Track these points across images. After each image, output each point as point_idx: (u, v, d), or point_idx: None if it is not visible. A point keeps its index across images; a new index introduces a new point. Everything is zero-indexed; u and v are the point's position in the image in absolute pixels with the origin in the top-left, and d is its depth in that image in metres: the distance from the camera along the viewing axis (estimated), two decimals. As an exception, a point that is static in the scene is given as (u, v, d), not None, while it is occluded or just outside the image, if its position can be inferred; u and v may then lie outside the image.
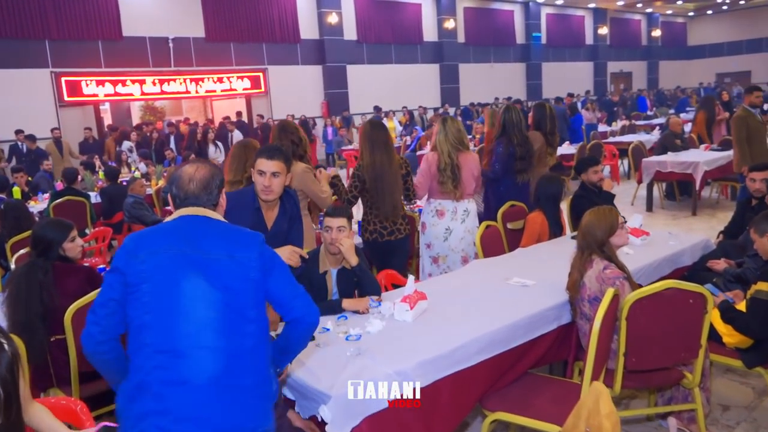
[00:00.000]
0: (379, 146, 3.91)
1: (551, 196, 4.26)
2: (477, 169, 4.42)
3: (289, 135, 3.79)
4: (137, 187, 6.29)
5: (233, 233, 1.93)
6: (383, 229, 3.99)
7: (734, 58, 29.65)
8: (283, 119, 4.26)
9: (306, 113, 16.25)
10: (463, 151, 4.27)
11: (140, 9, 13.73)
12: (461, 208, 4.29)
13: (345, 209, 3.14)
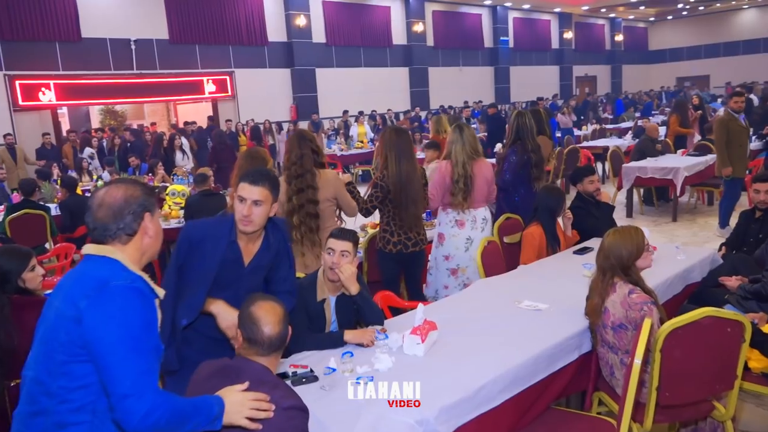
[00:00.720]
0: (405, 155, 3.73)
1: (550, 208, 4.06)
2: (491, 176, 4.29)
3: (308, 143, 3.56)
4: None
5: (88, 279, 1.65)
6: (407, 240, 3.84)
7: (694, 63, 30.37)
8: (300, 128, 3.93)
9: (274, 117, 15.87)
10: (476, 159, 4.14)
11: (100, 9, 13.15)
12: (480, 217, 4.19)
13: (353, 233, 2.85)
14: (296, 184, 3.48)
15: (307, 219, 3.51)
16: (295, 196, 3.49)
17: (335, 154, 13.01)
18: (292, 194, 3.49)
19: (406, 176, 3.70)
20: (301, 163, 3.50)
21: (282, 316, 1.87)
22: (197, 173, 5.99)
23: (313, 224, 3.54)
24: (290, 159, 3.51)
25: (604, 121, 17.24)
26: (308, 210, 3.51)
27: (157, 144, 9.33)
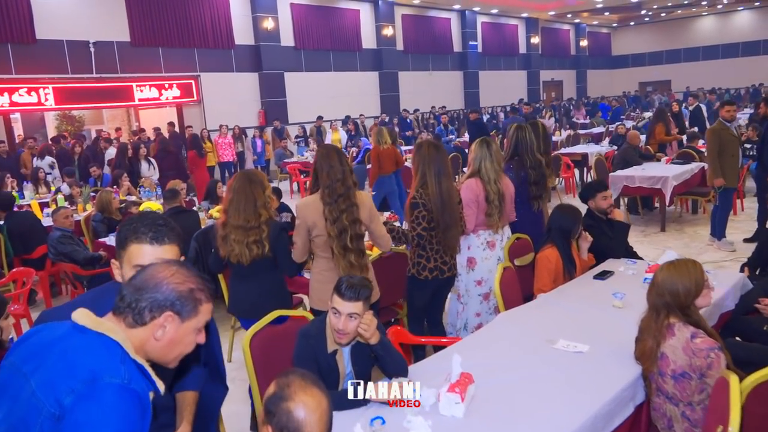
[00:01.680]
0: (444, 172, 3.47)
1: (565, 229, 3.76)
2: (513, 192, 4.11)
3: (345, 158, 3.24)
4: (61, 219, 5.32)
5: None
6: (443, 265, 3.58)
7: (655, 68, 30.95)
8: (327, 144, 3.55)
9: (242, 123, 15.32)
10: (502, 175, 3.96)
11: (56, 9, 12.42)
12: (505, 236, 4.07)
13: (364, 285, 2.38)
14: (342, 203, 3.13)
15: (355, 241, 3.18)
16: (342, 216, 3.13)
17: (308, 161, 12.56)
18: (337, 215, 3.13)
19: (447, 195, 3.45)
20: (343, 179, 3.14)
21: None
22: (167, 188, 5.50)
23: (362, 246, 3.23)
24: (331, 175, 3.13)
25: (575, 126, 17.23)
26: (356, 231, 3.18)
27: (121, 154, 8.73)
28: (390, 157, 7.62)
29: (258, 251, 3.22)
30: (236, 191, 3.25)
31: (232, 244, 3.24)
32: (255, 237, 3.21)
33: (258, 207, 3.22)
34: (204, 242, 4.97)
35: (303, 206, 3.25)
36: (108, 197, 6.03)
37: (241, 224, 3.21)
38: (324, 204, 3.14)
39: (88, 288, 5.23)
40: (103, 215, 6.02)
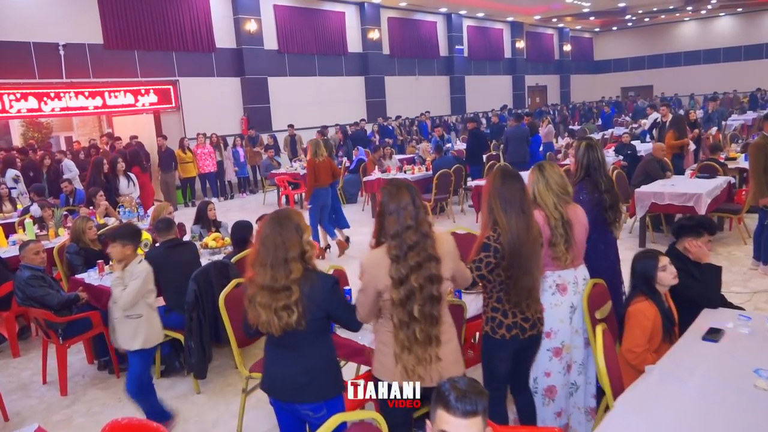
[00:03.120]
0: (514, 205, 2.81)
1: (648, 276, 3.12)
2: (587, 224, 3.38)
3: (417, 198, 2.53)
4: (30, 255, 4.46)
5: None
6: (524, 322, 2.89)
7: (637, 73, 30.90)
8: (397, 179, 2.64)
9: (223, 130, 14.49)
10: (569, 203, 3.27)
11: (22, 8, 11.43)
12: (581, 277, 3.32)
13: (482, 392, 1.73)
14: (412, 257, 2.43)
15: (428, 307, 2.46)
16: (411, 277, 2.42)
17: (298, 173, 11.78)
18: (405, 274, 2.43)
19: (518, 235, 2.78)
20: (417, 225, 2.45)
21: None
22: (160, 219, 4.69)
23: (436, 312, 2.49)
24: (401, 221, 2.45)
25: (573, 133, 16.73)
26: (430, 292, 2.46)
27: (95, 169, 7.83)
28: (326, 169, 7.61)
29: (288, 319, 2.46)
30: (263, 241, 2.50)
31: (258, 308, 2.50)
32: (284, 301, 2.45)
33: (290, 261, 2.46)
34: (204, 283, 4.19)
35: (371, 265, 2.53)
36: (82, 226, 5.19)
37: (268, 284, 2.46)
38: (391, 259, 2.45)
39: (64, 338, 4.40)
40: (79, 246, 5.18)
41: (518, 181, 2.88)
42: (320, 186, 7.61)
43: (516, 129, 10.48)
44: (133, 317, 3.56)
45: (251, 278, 2.53)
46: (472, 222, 9.61)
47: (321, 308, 2.52)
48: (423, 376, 2.47)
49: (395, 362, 2.47)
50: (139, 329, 3.58)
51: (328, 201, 7.82)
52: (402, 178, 9.92)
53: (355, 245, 8.45)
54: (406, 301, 2.43)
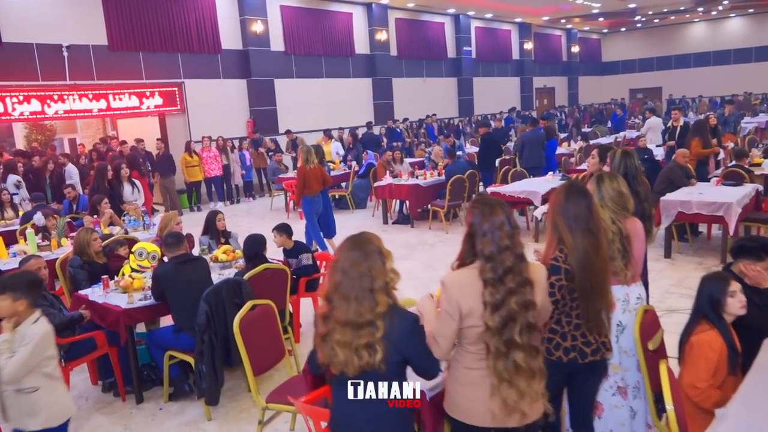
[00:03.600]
0: (581, 223, 2.63)
1: (716, 301, 2.84)
2: (644, 236, 3.27)
3: (511, 216, 2.37)
4: (33, 271, 4.21)
5: None
6: (585, 346, 2.70)
7: (646, 75, 30.54)
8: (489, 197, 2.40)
9: (229, 133, 14.23)
10: (628, 217, 3.16)
11: (25, 10, 11.19)
12: (634, 295, 3.17)
13: None
14: (510, 280, 2.26)
15: (525, 334, 2.28)
16: (511, 300, 2.24)
17: (306, 177, 11.49)
18: (503, 298, 2.24)
19: (585, 254, 2.59)
20: (512, 245, 2.28)
21: None
22: (169, 233, 4.41)
23: (535, 342, 2.33)
24: (496, 240, 2.27)
25: (586, 136, 16.39)
26: (527, 320, 2.29)
27: (99, 176, 7.54)
28: (317, 176, 7.60)
29: (369, 359, 2.18)
30: (346, 269, 2.21)
31: (335, 347, 2.21)
32: (367, 339, 2.18)
33: (376, 291, 2.20)
34: (216, 303, 3.92)
35: (455, 285, 2.31)
36: (87, 238, 4.92)
37: (351, 319, 2.18)
38: (485, 283, 2.25)
39: (65, 360, 4.13)
40: (83, 259, 4.91)
41: (584, 198, 2.69)
42: (310, 194, 7.57)
43: (532, 133, 10.19)
44: (27, 391, 2.81)
45: (326, 313, 2.25)
46: (486, 229, 9.31)
47: (398, 350, 2.23)
48: (528, 413, 2.27)
49: (489, 395, 2.26)
50: (36, 406, 2.84)
51: (319, 208, 7.76)
52: (414, 183, 9.68)
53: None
54: (503, 329, 2.23)
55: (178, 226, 5.50)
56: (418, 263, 7.65)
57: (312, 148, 7.73)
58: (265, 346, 3.55)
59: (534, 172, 9.92)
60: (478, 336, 2.28)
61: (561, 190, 2.76)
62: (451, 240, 8.78)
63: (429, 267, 7.44)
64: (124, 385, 4.40)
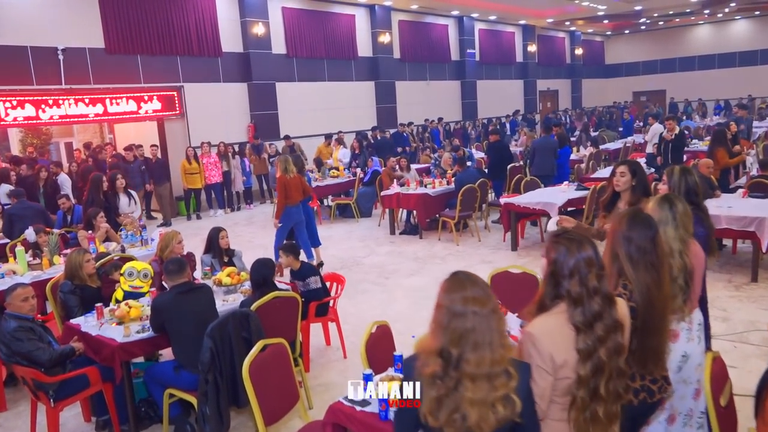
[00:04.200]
0: (644, 256, 2.37)
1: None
2: (704, 263, 3.07)
3: (596, 247, 2.16)
4: (17, 302, 3.80)
5: None
6: (653, 384, 2.47)
7: (650, 77, 30.23)
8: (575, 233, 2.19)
9: (230, 138, 13.87)
10: (687, 242, 2.87)
11: (19, 11, 10.81)
12: (695, 321, 2.96)
13: None
14: (600, 326, 2.03)
15: (612, 382, 2.07)
16: (601, 348, 2.03)
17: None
18: (593, 346, 2.02)
19: (647, 291, 2.35)
20: (599, 285, 2.05)
21: None
22: (170, 260, 4.01)
23: (621, 388, 2.12)
24: (584, 279, 2.03)
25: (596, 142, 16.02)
26: (618, 366, 2.08)
27: (94, 187, 7.13)
28: (297, 186, 7.46)
29: (505, 412, 1.83)
30: (476, 312, 1.83)
31: (466, 407, 1.82)
32: (503, 390, 1.83)
33: (503, 334, 1.89)
34: (221, 339, 3.54)
35: (546, 335, 2.03)
36: (78, 260, 4.54)
37: (487, 370, 1.82)
38: (576, 329, 2.02)
39: (55, 399, 3.75)
40: (74, 283, 4.53)
41: (649, 228, 2.42)
42: (291, 204, 7.41)
43: (544, 140, 9.82)
44: None
45: (441, 371, 1.85)
46: (498, 240, 8.96)
47: (526, 400, 1.92)
48: None
49: None
50: None
51: (301, 218, 7.60)
52: (423, 192, 9.31)
53: (373, 267, 7.80)
54: (591, 377, 2.01)
55: (179, 245, 5.13)
56: (431, 279, 7.27)
57: (289, 158, 7.56)
58: (277, 390, 3.18)
59: (545, 180, 9.56)
60: (568, 387, 2.02)
61: (624, 218, 2.49)
62: (463, 253, 8.41)
63: (442, 283, 7.07)
64: (120, 423, 4.02)
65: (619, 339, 2.06)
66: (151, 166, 11.55)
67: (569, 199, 8.02)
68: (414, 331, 5.60)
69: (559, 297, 2.07)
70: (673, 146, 9.33)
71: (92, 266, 4.67)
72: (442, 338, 1.85)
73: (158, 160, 11.77)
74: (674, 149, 9.32)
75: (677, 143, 9.38)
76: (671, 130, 9.44)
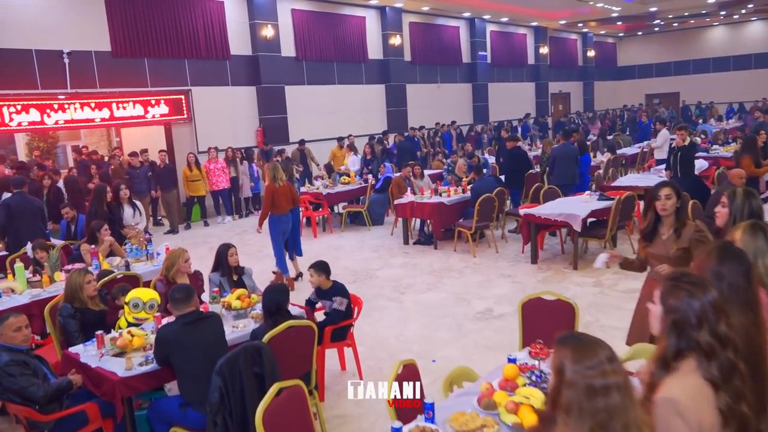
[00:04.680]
0: (738, 295, 2.06)
1: None
2: None
3: None
4: (9, 333, 3.48)
5: None
6: None
7: (663, 80, 29.75)
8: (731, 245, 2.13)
9: (238, 143, 13.60)
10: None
11: (23, 14, 10.57)
12: None
13: None
14: (737, 378, 1.79)
15: None
16: (741, 404, 1.78)
17: (321, 192, 10.82)
18: (734, 402, 1.77)
19: (745, 335, 2.02)
20: (730, 333, 1.80)
21: None
22: (175, 287, 3.69)
23: None
24: (716, 329, 1.79)
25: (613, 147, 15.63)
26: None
27: (97, 198, 6.81)
28: (285, 195, 7.32)
29: None
30: (611, 389, 1.56)
31: None
32: None
33: (641, 405, 1.67)
34: (231, 376, 3.23)
35: (690, 399, 1.74)
36: (78, 281, 4.25)
37: None
38: (714, 386, 1.77)
39: (51, 439, 3.45)
40: (74, 306, 4.24)
41: (742, 263, 2.13)
42: (279, 212, 7.29)
43: (564, 147, 9.47)
44: None
45: None
46: (516, 252, 8.62)
47: None
48: None
49: None
50: None
51: (288, 227, 7.47)
52: (438, 202, 8.99)
53: (388, 281, 7.46)
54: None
55: (185, 263, 4.84)
56: (448, 295, 6.95)
57: (279, 165, 7.42)
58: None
59: (566, 189, 9.22)
60: None
61: (713, 252, 2.20)
62: (480, 266, 8.08)
63: (460, 299, 6.74)
64: (122, 462, 3.71)
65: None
66: (158, 172, 11.29)
67: (592, 210, 7.68)
68: (434, 354, 5.29)
69: (686, 351, 1.79)
70: (683, 156, 8.81)
71: (93, 288, 4.38)
72: (580, 427, 1.53)
73: (166, 165, 11.50)
74: (684, 160, 8.79)
75: (687, 153, 8.87)
76: (682, 140, 8.96)
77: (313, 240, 10.21)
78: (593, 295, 6.58)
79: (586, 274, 7.39)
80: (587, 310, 6.09)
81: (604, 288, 6.82)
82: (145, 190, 10.95)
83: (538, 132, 21.18)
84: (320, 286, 4.79)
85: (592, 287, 6.87)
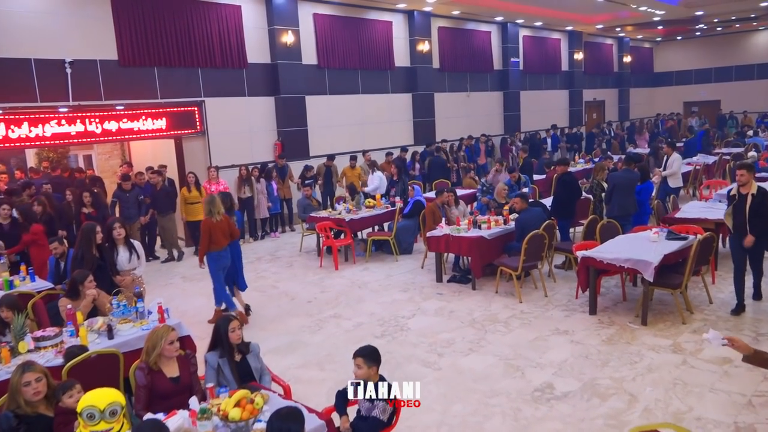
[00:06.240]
0: None
1: None
2: None
3: None
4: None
5: None
6: None
7: (703, 87, 28.22)
8: None
9: (255, 158, 12.63)
10: None
11: (21, 20, 9.66)
12: None
13: None
14: None
15: None
16: None
17: (343, 218, 9.74)
18: None
19: None
20: None
21: None
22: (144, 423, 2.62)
23: None
24: None
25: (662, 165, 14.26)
26: None
27: (85, 239, 5.73)
28: (223, 229, 6.92)
29: None
30: None
31: None
32: None
33: None
34: None
35: None
36: (14, 382, 3.24)
37: None
38: None
39: None
40: (17, 414, 3.21)
41: None
42: (217, 248, 6.88)
43: (626, 173, 8.26)
44: None
45: None
46: (569, 296, 7.44)
47: None
48: None
49: None
50: None
51: (227, 263, 7.06)
52: (478, 236, 7.85)
53: (422, 336, 6.23)
54: None
55: (170, 346, 3.78)
56: (496, 359, 5.78)
57: (216, 198, 7.01)
58: None
59: (623, 221, 8.03)
60: None
61: None
62: (529, 316, 6.91)
63: (511, 367, 5.57)
64: None
65: None
66: (154, 194, 10.32)
67: (665, 254, 6.46)
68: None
69: None
70: (753, 210, 6.07)
71: (34, 391, 3.32)
72: None
73: (163, 186, 10.49)
74: (755, 215, 6.07)
75: (760, 207, 6.06)
76: (746, 186, 6.15)
77: (335, 273, 9.13)
78: (676, 367, 5.38)
79: (658, 332, 6.19)
80: (673, 392, 4.91)
81: (686, 355, 5.61)
82: (135, 216, 9.99)
83: (566, 144, 19.82)
84: (367, 379, 3.62)
85: (671, 354, 5.67)
